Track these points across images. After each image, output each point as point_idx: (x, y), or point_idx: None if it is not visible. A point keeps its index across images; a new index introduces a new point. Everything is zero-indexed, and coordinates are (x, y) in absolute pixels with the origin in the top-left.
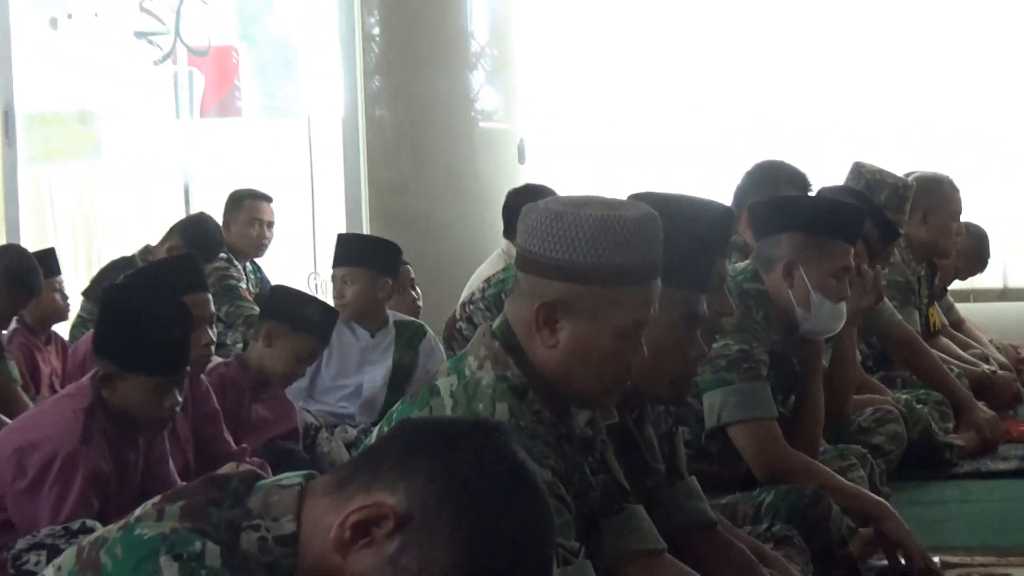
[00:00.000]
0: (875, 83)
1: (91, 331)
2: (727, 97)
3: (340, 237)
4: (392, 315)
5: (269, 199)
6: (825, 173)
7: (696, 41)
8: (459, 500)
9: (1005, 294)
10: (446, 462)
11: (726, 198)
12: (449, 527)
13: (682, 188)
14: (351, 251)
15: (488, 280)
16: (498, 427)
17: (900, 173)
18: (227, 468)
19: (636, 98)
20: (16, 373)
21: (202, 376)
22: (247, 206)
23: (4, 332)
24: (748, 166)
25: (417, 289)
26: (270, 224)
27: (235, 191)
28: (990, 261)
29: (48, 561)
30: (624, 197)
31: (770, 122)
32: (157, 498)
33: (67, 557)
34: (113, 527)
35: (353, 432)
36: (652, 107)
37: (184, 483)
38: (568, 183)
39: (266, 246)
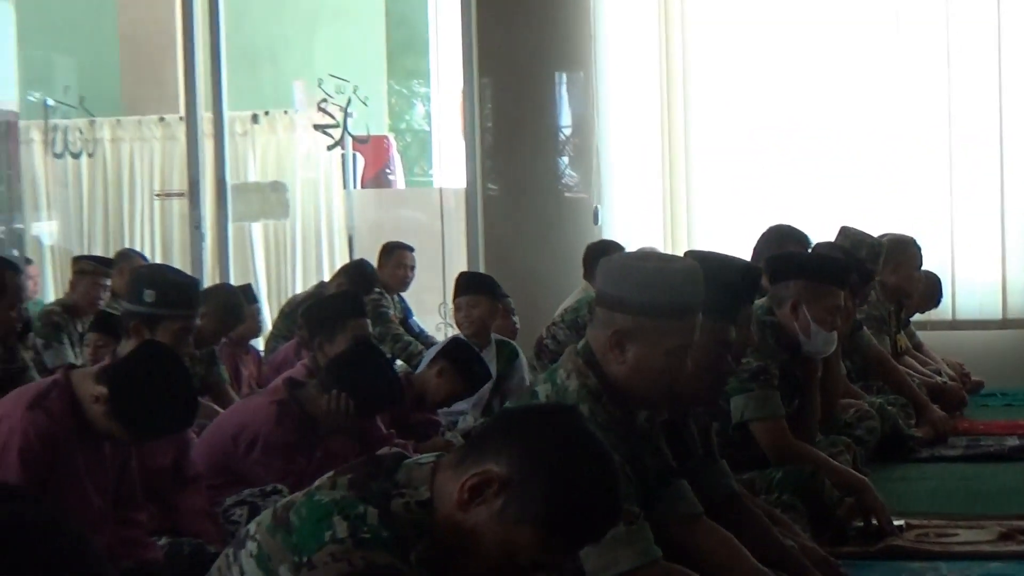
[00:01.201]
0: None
1: (287, 344)
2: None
3: (466, 273)
4: (493, 336)
5: (411, 249)
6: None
7: (736, 123)
8: (547, 465)
9: (954, 324)
10: (536, 437)
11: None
12: (540, 486)
13: (720, 239)
14: (476, 283)
15: (566, 309)
16: (573, 410)
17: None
18: (382, 451)
19: (685, 174)
20: (225, 375)
21: None
22: (396, 254)
23: (216, 347)
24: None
25: (515, 317)
26: (412, 267)
27: (387, 243)
28: (941, 300)
29: (249, 516)
30: (677, 249)
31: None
32: (331, 472)
33: (265, 515)
34: (299, 494)
35: (469, 423)
36: (699, 184)
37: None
38: (630, 239)
39: (409, 283)
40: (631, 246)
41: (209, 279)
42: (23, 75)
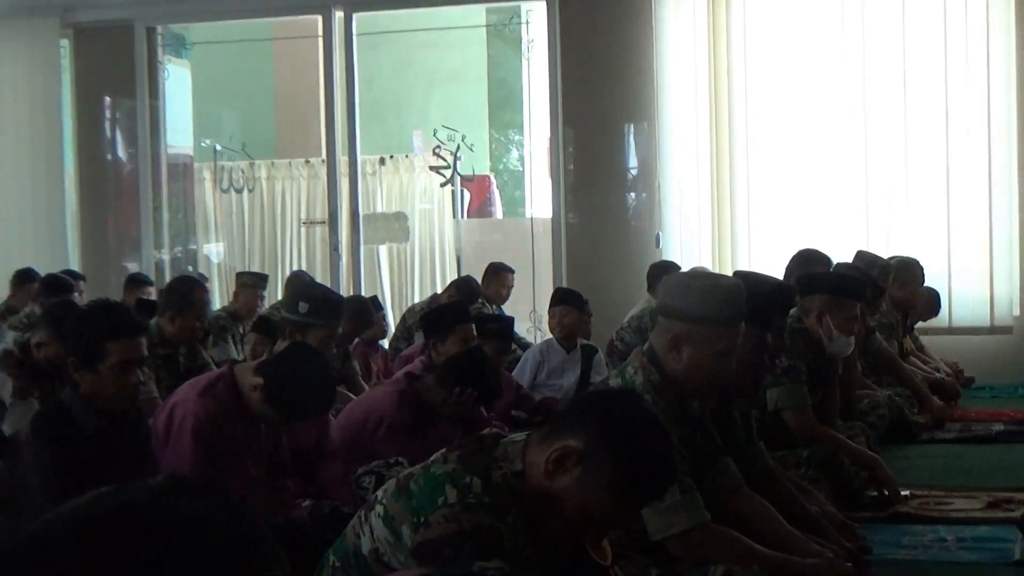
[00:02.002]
0: None
1: (413, 345)
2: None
3: (560, 289)
4: (579, 340)
5: (512, 271)
6: None
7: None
8: (615, 439)
9: (950, 330)
10: (605, 416)
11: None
12: (611, 457)
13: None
14: (568, 297)
15: (632, 317)
16: (634, 394)
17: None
18: (484, 432)
19: (730, 207)
20: (357, 369)
21: None
22: (500, 275)
23: (350, 346)
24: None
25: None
26: (511, 286)
27: (494, 263)
28: (940, 310)
29: (376, 484)
30: (723, 268)
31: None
32: (443, 449)
33: (390, 483)
34: (417, 467)
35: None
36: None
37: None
38: (685, 260)
39: (507, 299)
40: (686, 266)
41: (344, 291)
42: (197, 126)
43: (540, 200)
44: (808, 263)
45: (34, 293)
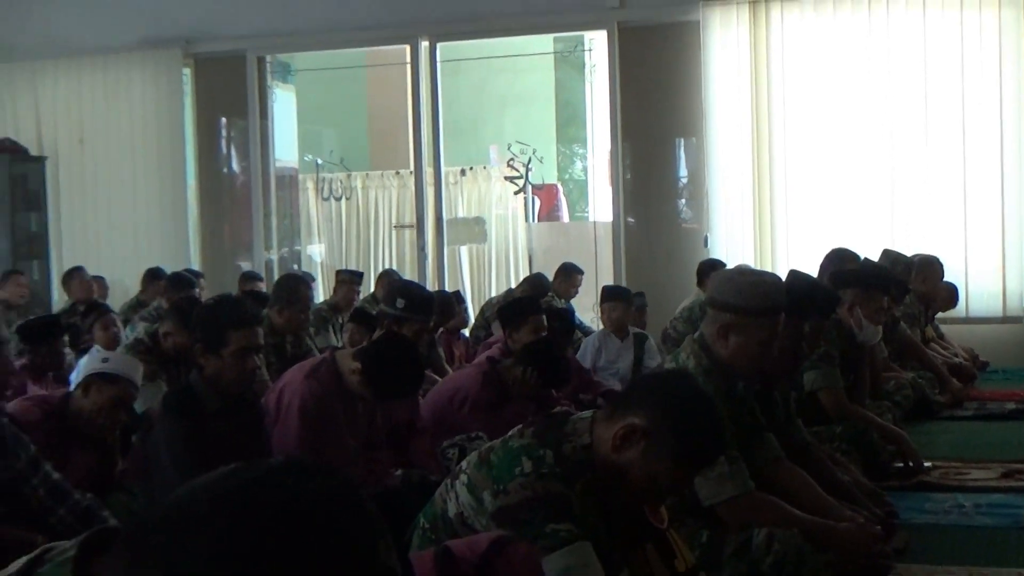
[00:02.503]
0: None
1: (495, 336)
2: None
3: (608, 286)
4: (630, 329)
5: (581, 272)
6: None
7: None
8: (673, 416)
9: (967, 320)
10: (664, 396)
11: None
12: (670, 431)
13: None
14: (614, 293)
15: (683, 308)
16: (687, 375)
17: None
18: (555, 410)
19: (770, 210)
20: (442, 355)
21: None
22: (570, 275)
23: (435, 335)
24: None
25: (647, 312)
26: (579, 285)
27: (564, 264)
28: (958, 302)
29: (459, 456)
30: (764, 265)
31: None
32: (520, 426)
33: (472, 455)
34: (497, 440)
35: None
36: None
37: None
38: (730, 258)
39: (574, 295)
40: (731, 263)
41: (430, 287)
42: (301, 143)
43: (601, 206)
44: (840, 260)
45: (161, 289)
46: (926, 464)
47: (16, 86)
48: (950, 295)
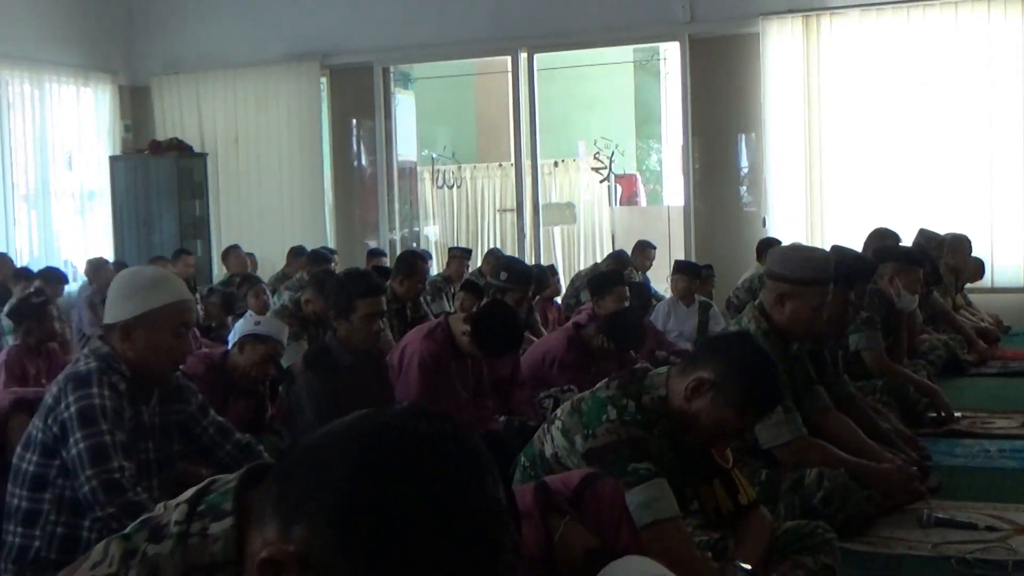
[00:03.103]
0: None
1: (585, 304)
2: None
3: (679, 261)
4: (696, 297)
5: (654, 247)
6: None
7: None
8: (737, 370)
9: (992, 290)
10: (729, 353)
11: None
12: (735, 384)
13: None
14: (682, 267)
15: (744, 280)
16: (748, 335)
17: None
18: (636, 367)
19: (820, 195)
20: (537, 319)
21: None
22: (644, 250)
23: (532, 302)
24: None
25: (714, 282)
26: (653, 259)
27: (639, 241)
28: (984, 274)
29: (553, 406)
30: (814, 242)
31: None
32: (605, 379)
33: (566, 404)
34: (586, 392)
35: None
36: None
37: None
38: (785, 236)
39: (650, 268)
40: (786, 241)
41: (528, 262)
42: (419, 140)
43: (674, 192)
44: (881, 238)
45: (302, 264)
46: (956, 414)
47: (182, 94)
48: (977, 268)
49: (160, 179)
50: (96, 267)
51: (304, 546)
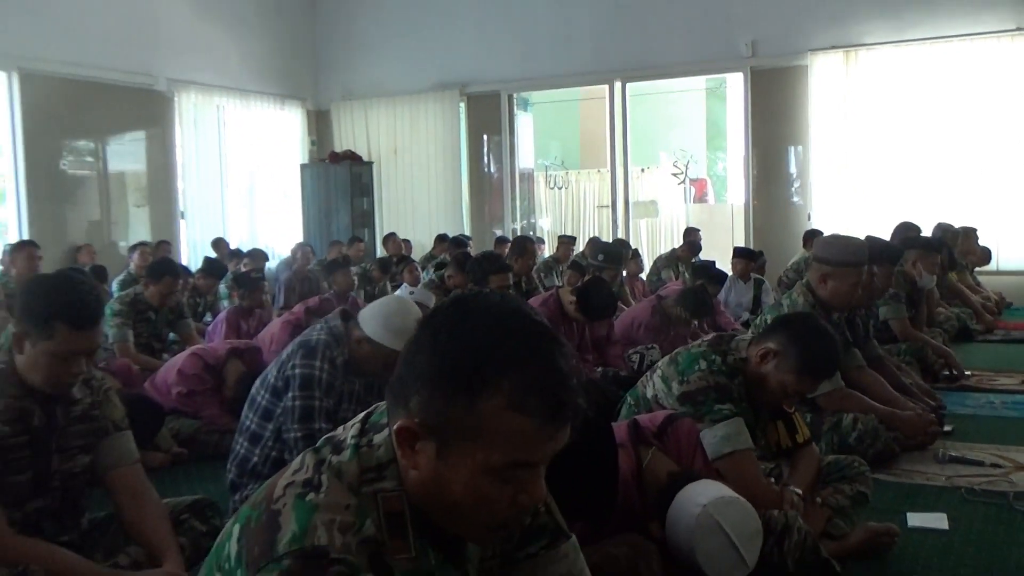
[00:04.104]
0: None
1: (667, 281)
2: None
3: (738, 247)
4: (752, 275)
5: (698, 230)
6: None
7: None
8: (798, 340)
9: (998, 272)
10: (791, 327)
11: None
12: (796, 352)
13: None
14: (740, 253)
15: (793, 263)
16: (809, 315)
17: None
18: (725, 332)
19: (854, 193)
20: (626, 292)
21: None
22: (696, 238)
23: (622, 277)
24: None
25: (766, 264)
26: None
27: (688, 226)
28: (991, 259)
29: (640, 360)
30: (852, 232)
31: None
32: (698, 340)
33: (666, 358)
34: (682, 347)
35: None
36: (861, 198)
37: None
38: (826, 227)
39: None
40: (827, 231)
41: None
42: (536, 150)
43: (736, 193)
44: (906, 230)
45: (446, 247)
46: (967, 373)
47: (354, 116)
48: (985, 255)
49: (337, 182)
50: (297, 250)
51: (419, 411)
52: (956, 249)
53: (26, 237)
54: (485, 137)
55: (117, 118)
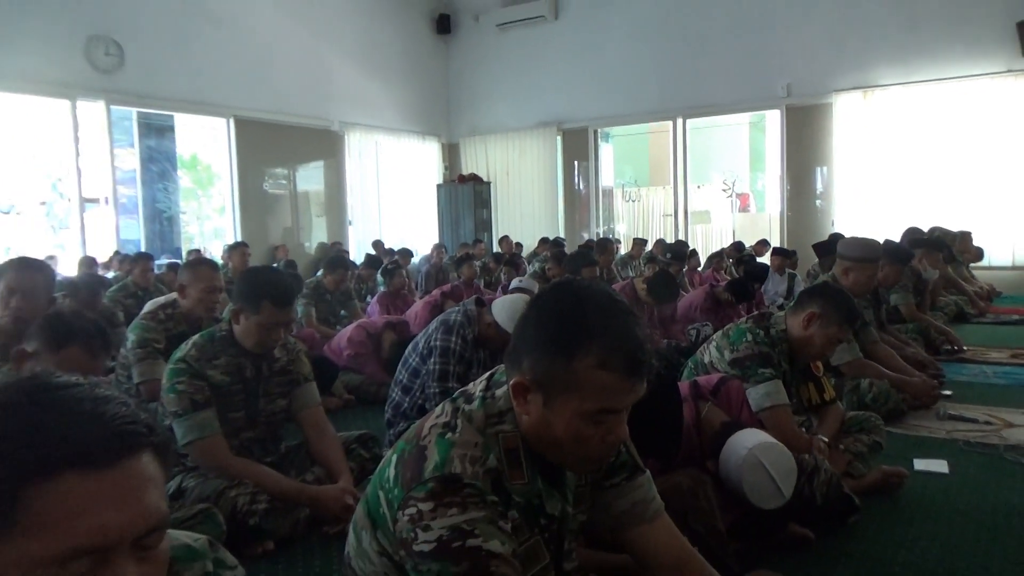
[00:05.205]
0: None
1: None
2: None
3: (775, 248)
4: (787, 271)
5: (768, 243)
6: None
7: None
8: (831, 301)
9: (989, 267)
10: (824, 294)
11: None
12: (831, 313)
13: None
14: (777, 251)
15: (816, 260)
16: (830, 284)
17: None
18: (764, 311)
19: (868, 203)
20: (687, 281)
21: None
22: (759, 245)
23: (683, 270)
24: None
25: (797, 261)
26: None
27: (763, 239)
28: (983, 256)
29: (696, 334)
30: (870, 236)
31: None
32: (744, 317)
33: (719, 332)
34: (731, 324)
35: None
36: (875, 208)
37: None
38: (848, 231)
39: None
40: (848, 234)
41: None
42: (615, 172)
43: (772, 204)
44: (912, 233)
45: (546, 246)
46: (964, 348)
47: (476, 147)
48: (978, 253)
49: (463, 197)
50: (434, 249)
51: (530, 370)
52: (955, 248)
53: (239, 239)
54: (576, 162)
55: (303, 151)
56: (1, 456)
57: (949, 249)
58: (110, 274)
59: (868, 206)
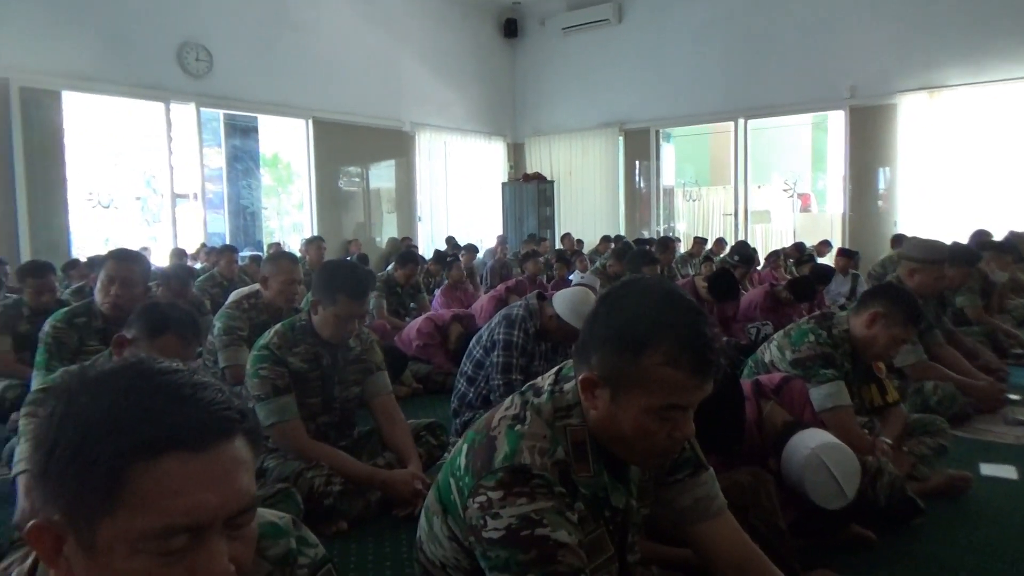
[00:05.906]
0: None
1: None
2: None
3: (839, 248)
4: (850, 271)
5: (830, 244)
6: None
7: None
8: (895, 301)
9: None
10: (887, 294)
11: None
12: (897, 308)
13: (952, 234)
14: (842, 251)
15: (882, 259)
16: (894, 284)
17: None
18: (826, 311)
19: (931, 203)
20: (746, 282)
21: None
22: (820, 246)
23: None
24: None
25: (860, 262)
26: (829, 249)
27: (825, 240)
28: None
29: (756, 333)
30: (933, 237)
31: None
32: (807, 316)
33: (780, 332)
34: (792, 324)
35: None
36: (939, 210)
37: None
38: (912, 232)
39: (826, 256)
40: (912, 234)
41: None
42: (676, 172)
43: (834, 204)
44: (980, 235)
45: (606, 244)
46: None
47: (541, 147)
48: None
49: (528, 195)
50: (499, 245)
51: (598, 366)
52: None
53: (316, 234)
54: (637, 162)
55: (376, 150)
56: (111, 436)
57: (1019, 252)
58: (197, 265)
59: (932, 207)
